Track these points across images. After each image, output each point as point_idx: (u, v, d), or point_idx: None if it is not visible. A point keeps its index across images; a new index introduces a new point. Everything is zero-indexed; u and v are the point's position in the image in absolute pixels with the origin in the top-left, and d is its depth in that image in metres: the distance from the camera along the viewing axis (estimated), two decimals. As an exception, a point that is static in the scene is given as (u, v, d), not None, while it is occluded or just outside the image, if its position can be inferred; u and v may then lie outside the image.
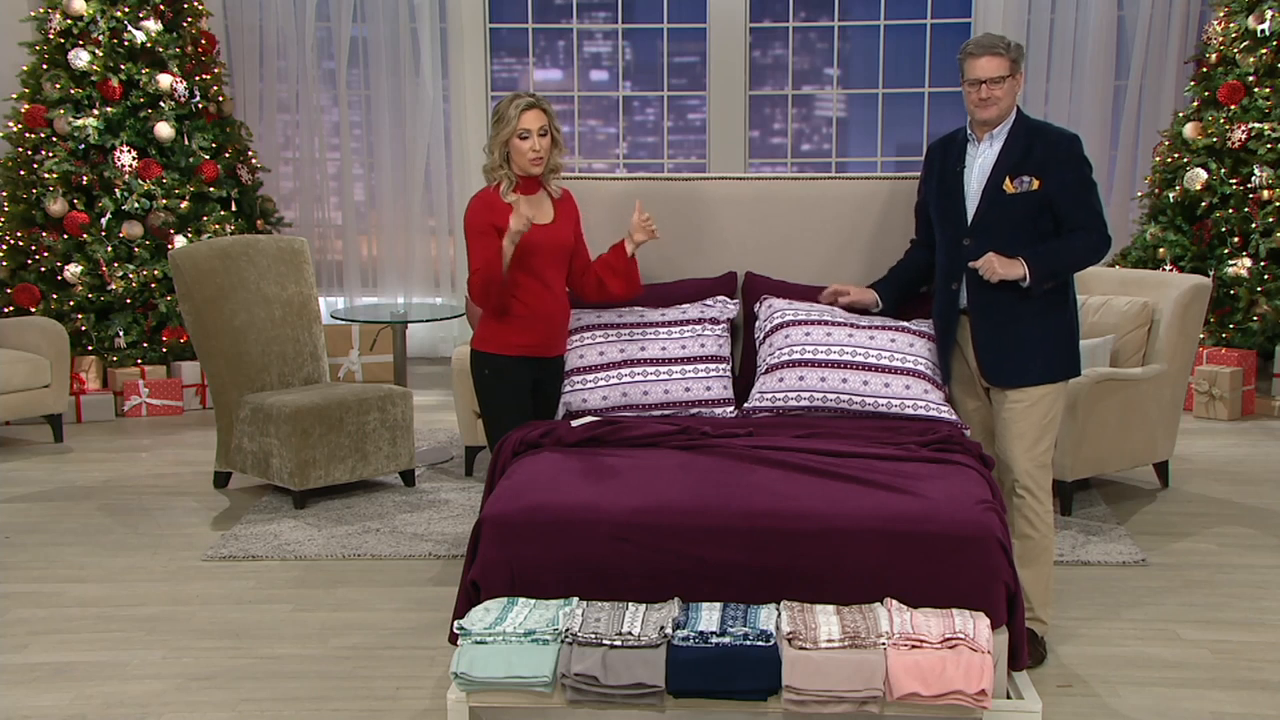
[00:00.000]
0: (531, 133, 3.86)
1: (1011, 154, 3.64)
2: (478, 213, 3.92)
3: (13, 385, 6.20)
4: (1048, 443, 3.71)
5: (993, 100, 3.60)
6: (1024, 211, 3.62)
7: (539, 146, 3.88)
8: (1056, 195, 3.61)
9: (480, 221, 3.90)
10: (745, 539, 3.20)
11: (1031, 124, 3.70)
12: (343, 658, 3.80)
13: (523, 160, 3.88)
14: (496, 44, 8.57)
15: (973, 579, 3.14)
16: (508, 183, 3.92)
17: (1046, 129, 3.71)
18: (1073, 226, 3.63)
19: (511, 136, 3.86)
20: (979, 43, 3.63)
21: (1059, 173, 3.61)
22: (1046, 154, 3.62)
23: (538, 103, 3.89)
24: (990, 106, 3.61)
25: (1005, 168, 3.64)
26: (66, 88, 7.04)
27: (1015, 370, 3.68)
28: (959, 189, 3.73)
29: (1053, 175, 3.61)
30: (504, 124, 3.87)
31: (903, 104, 8.57)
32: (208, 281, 5.34)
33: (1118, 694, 3.53)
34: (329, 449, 5.24)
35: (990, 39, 3.63)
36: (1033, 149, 3.63)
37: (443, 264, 8.55)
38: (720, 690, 2.99)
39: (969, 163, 3.72)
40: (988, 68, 3.58)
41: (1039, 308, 3.66)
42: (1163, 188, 7.27)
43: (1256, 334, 6.88)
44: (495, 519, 3.27)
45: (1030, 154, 3.63)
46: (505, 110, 3.87)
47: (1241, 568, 4.53)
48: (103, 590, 4.38)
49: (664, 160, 8.81)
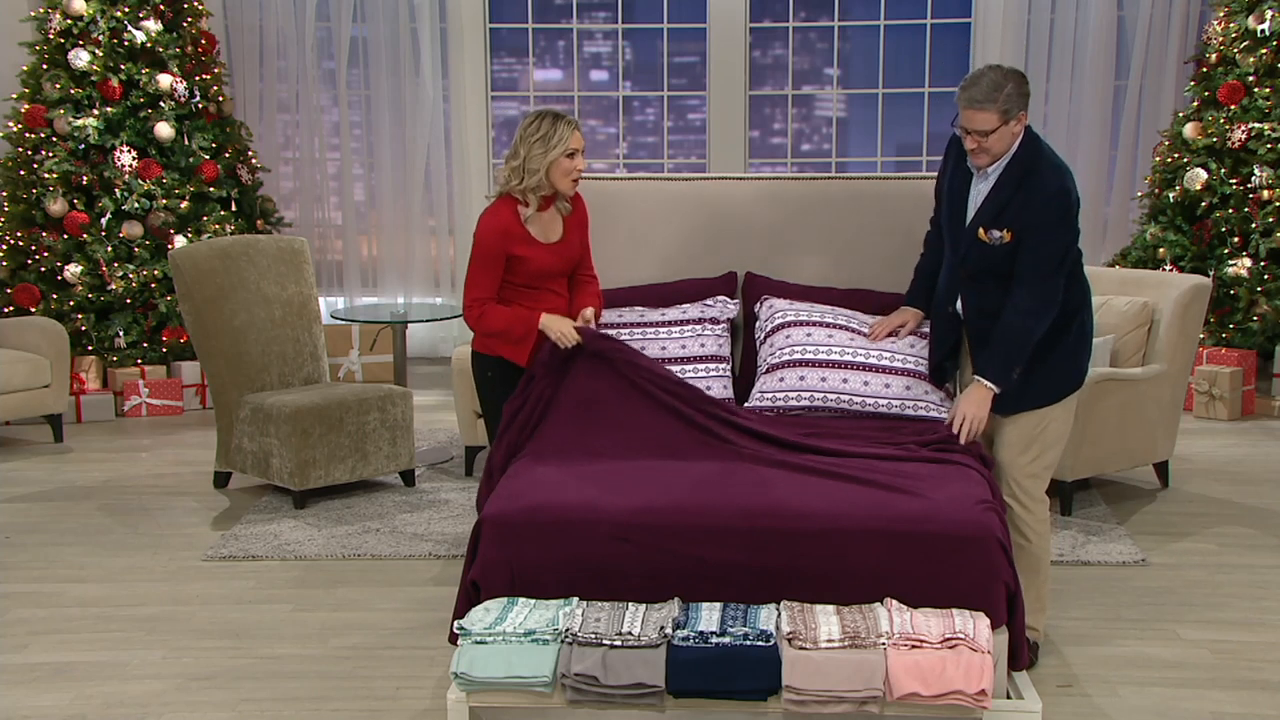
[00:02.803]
0: (578, 152, 3.86)
1: (996, 201, 3.50)
2: (491, 235, 3.87)
3: (13, 385, 6.20)
4: (1036, 453, 3.60)
5: (982, 150, 3.45)
6: (999, 259, 3.52)
7: (582, 165, 3.89)
8: (1021, 242, 3.46)
9: (494, 247, 3.87)
10: (745, 539, 3.20)
11: (1029, 164, 3.48)
12: (343, 658, 3.80)
13: (564, 181, 3.86)
14: (496, 44, 8.57)
15: (973, 579, 3.14)
16: (536, 201, 3.89)
17: (1036, 175, 3.47)
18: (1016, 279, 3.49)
19: (561, 156, 3.83)
20: (969, 93, 3.40)
21: (1030, 223, 3.45)
22: (1025, 205, 3.45)
23: (577, 124, 3.88)
24: (981, 155, 3.47)
25: (988, 214, 3.52)
26: (66, 88, 7.04)
27: (1012, 398, 3.58)
28: (963, 215, 3.62)
29: (1023, 225, 3.46)
30: (554, 142, 3.81)
31: (903, 104, 8.57)
32: (208, 281, 5.33)
33: (1118, 694, 3.54)
34: (329, 449, 5.24)
35: (981, 90, 3.39)
36: (1013, 200, 3.47)
37: (443, 264, 8.54)
38: (720, 690, 2.99)
39: (974, 185, 3.60)
40: (974, 121, 3.40)
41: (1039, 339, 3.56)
42: (1163, 188, 7.27)
43: (1256, 334, 6.88)
44: (495, 519, 3.27)
45: (1010, 205, 3.48)
46: (552, 129, 3.81)
47: (1241, 568, 4.53)
48: (103, 590, 4.38)
49: (664, 160, 8.81)
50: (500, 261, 3.87)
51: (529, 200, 3.88)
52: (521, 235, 3.88)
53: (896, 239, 4.28)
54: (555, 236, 3.96)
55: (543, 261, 3.90)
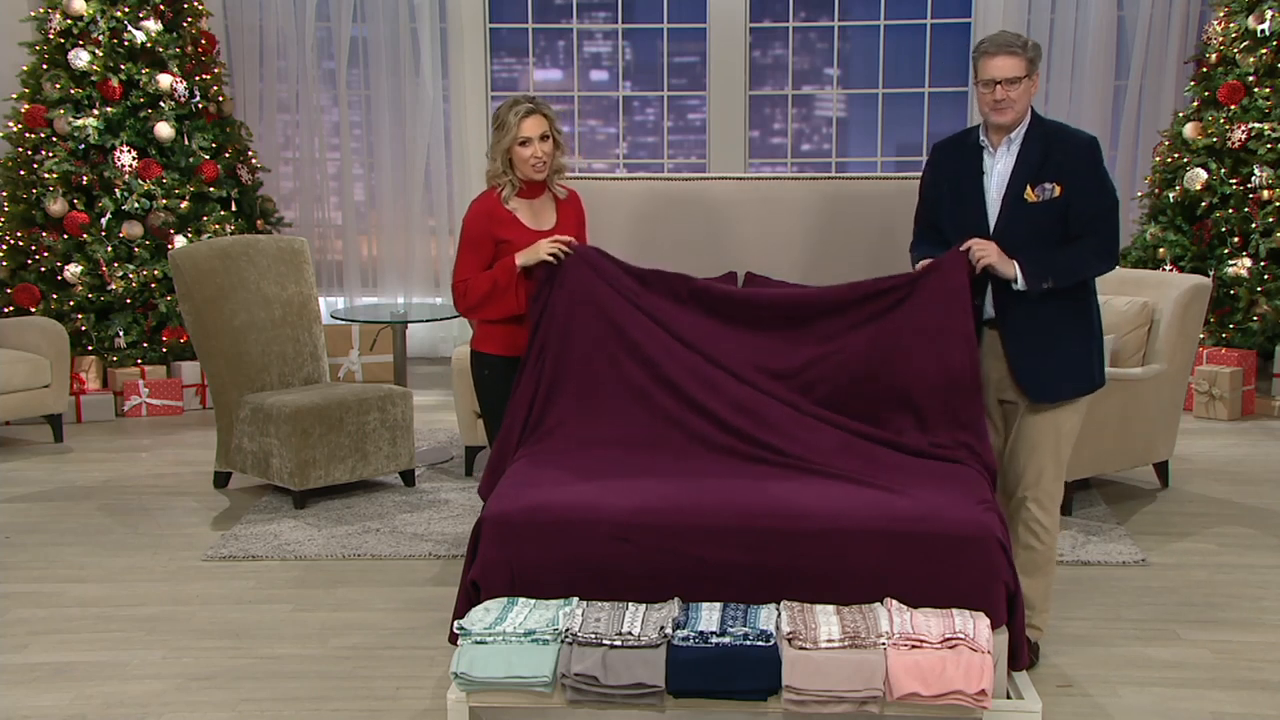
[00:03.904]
0: (532, 140, 3.82)
1: (1029, 160, 3.47)
2: (477, 220, 3.89)
3: (13, 385, 6.20)
4: (1066, 454, 3.63)
5: (1008, 103, 3.42)
6: (1047, 220, 3.46)
7: (540, 153, 3.84)
8: (1074, 200, 3.44)
9: (478, 230, 3.88)
10: (745, 539, 3.20)
11: (1049, 127, 3.52)
12: (343, 658, 3.80)
13: (525, 168, 3.85)
14: (496, 44, 8.57)
15: (973, 579, 3.14)
16: (510, 188, 3.90)
17: (1063, 131, 3.52)
18: (1080, 234, 3.47)
19: (513, 144, 3.84)
20: (994, 40, 3.44)
21: (1079, 180, 3.45)
22: (1066, 158, 3.45)
23: (538, 108, 3.84)
24: (1006, 110, 3.43)
25: (1025, 176, 3.47)
26: (66, 88, 7.04)
27: (1051, 384, 3.55)
28: (978, 198, 3.55)
29: (1073, 181, 3.44)
30: (504, 131, 3.83)
31: (903, 104, 8.57)
32: (208, 281, 5.34)
33: (1118, 694, 3.53)
34: (329, 449, 5.24)
35: (1006, 37, 3.44)
36: (1051, 153, 3.46)
37: (443, 264, 8.54)
38: (720, 690, 2.99)
39: (988, 168, 3.55)
40: (1003, 67, 3.40)
41: (1070, 320, 3.53)
42: (1163, 188, 7.27)
43: (1256, 334, 6.88)
44: (495, 519, 3.27)
45: (1049, 159, 3.46)
46: (505, 116, 3.83)
47: (1241, 568, 4.53)
48: (103, 590, 4.38)
49: (664, 160, 8.81)
50: (486, 244, 3.85)
51: (503, 186, 3.89)
52: (507, 219, 3.87)
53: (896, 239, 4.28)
54: (547, 224, 3.95)
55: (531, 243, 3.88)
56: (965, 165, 3.60)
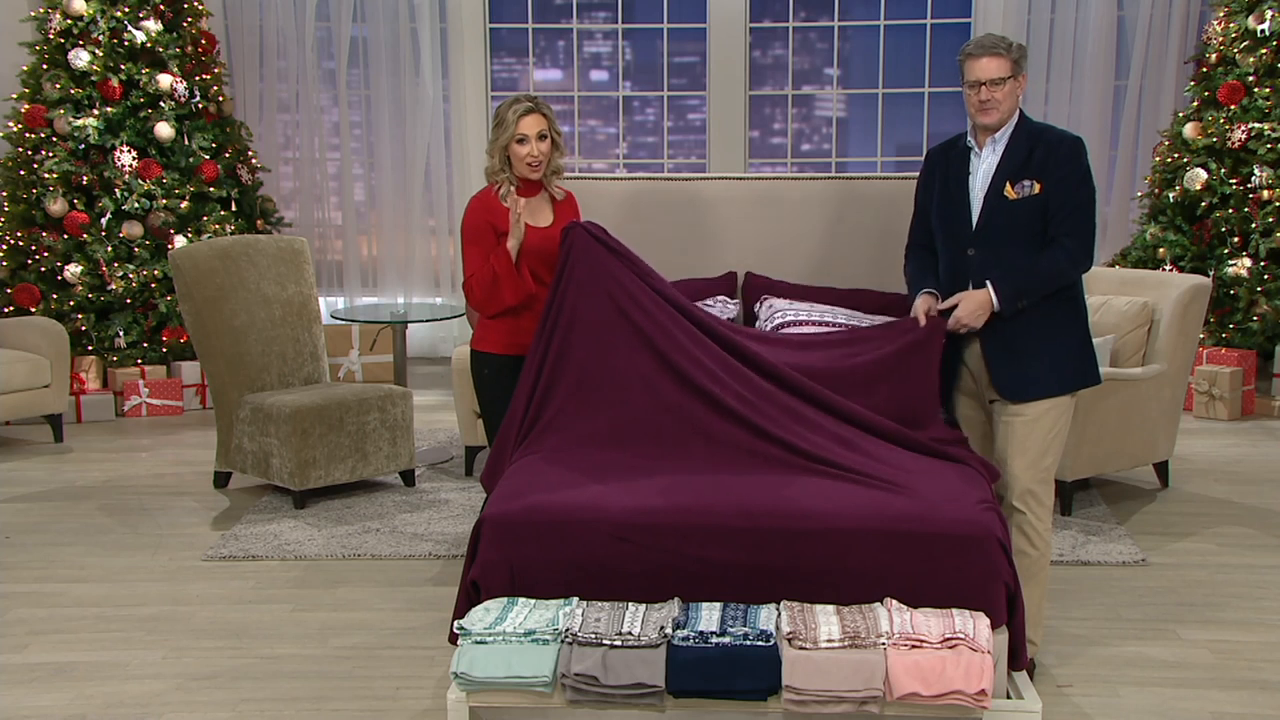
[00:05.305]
0: (529, 138, 3.84)
1: (1013, 159, 3.52)
2: (475, 213, 3.92)
3: (13, 385, 6.20)
4: (1052, 458, 3.58)
5: (993, 104, 3.47)
6: (1027, 217, 3.50)
7: (537, 152, 3.86)
8: (1052, 195, 3.48)
9: (478, 222, 3.90)
10: (745, 539, 3.20)
11: (1033, 127, 3.56)
12: (343, 658, 3.80)
13: (521, 166, 3.88)
14: (496, 44, 8.57)
15: (973, 579, 3.14)
16: (508, 186, 3.92)
17: (1049, 131, 3.55)
18: (1055, 233, 3.49)
19: (510, 142, 3.86)
20: (979, 43, 3.51)
21: (1058, 174, 3.48)
22: (1048, 156, 3.49)
23: (537, 107, 3.86)
24: (991, 111, 3.48)
25: (1006, 173, 3.51)
26: (66, 88, 7.04)
27: (1026, 383, 3.54)
28: (963, 198, 3.59)
29: (1052, 177, 3.48)
30: (502, 129, 3.86)
31: (903, 104, 8.57)
32: (208, 281, 5.34)
33: (1118, 694, 3.54)
34: (329, 449, 5.24)
35: (991, 39, 3.49)
36: (1034, 152, 3.51)
37: (443, 264, 8.55)
38: (720, 690, 2.99)
39: (974, 169, 3.59)
40: (988, 69, 3.45)
41: (1048, 319, 3.54)
42: (1163, 188, 7.27)
43: (1256, 334, 6.88)
44: (495, 519, 3.27)
45: (1032, 157, 3.50)
46: (504, 114, 3.86)
47: (1241, 568, 4.53)
48: (103, 590, 4.38)
49: (664, 160, 8.81)
50: (488, 235, 3.87)
51: (500, 183, 3.91)
52: (503, 210, 3.88)
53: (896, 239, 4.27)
54: (544, 222, 3.97)
55: (528, 240, 3.88)
56: (953, 167, 3.65)
